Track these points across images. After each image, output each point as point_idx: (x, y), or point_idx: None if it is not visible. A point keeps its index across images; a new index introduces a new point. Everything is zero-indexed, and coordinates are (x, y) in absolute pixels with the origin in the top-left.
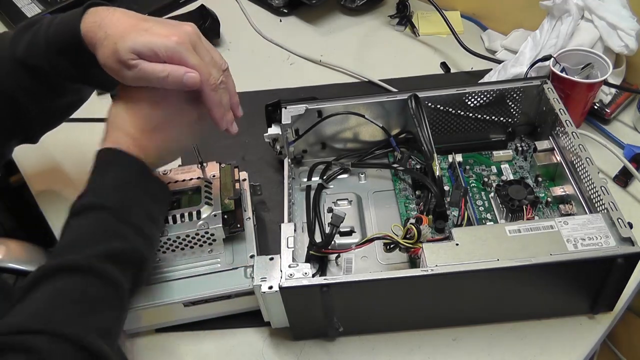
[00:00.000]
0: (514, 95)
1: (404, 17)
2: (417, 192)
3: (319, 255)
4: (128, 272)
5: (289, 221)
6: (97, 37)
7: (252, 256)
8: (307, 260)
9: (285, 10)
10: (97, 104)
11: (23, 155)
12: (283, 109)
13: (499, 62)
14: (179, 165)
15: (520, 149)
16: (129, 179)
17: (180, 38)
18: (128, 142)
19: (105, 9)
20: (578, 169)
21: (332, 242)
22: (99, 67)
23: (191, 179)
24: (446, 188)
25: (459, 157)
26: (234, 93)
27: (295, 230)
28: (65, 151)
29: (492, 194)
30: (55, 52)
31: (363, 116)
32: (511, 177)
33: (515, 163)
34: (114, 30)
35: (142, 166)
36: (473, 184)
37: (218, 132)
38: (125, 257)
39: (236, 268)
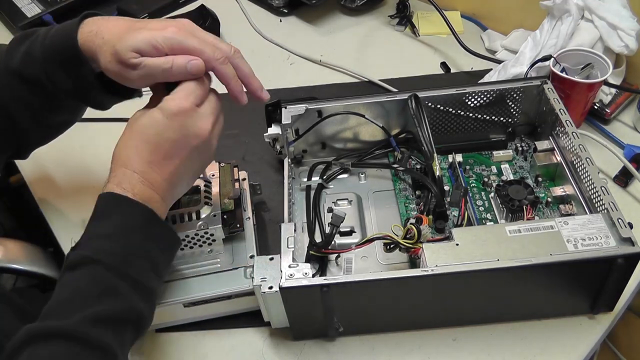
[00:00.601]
0: (514, 95)
1: (404, 17)
2: (417, 192)
3: (319, 255)
4: (123, 332)
5: (289, 221)
6: (96, 45)
7: (252, 256)
8: (307, 260)
9: (285, 10)
10: None
11: None
12: (283, 109)
13: (499, 62)
14: None
15: (520, 149)
16: (131, 227)
17: (177, 28)
18: (134, 179)
19: (100, 18)
20: (578, 169)
21: (332, 242)
22: (95, 80)
23: None
24: (446, 188)
25: (459, 157)
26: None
27: (295, 230)
28: (65, 151)
29: (492, 194)
30: (52, 63)
31: (363, 116)
32: (511, 177)
33: (516, 163)
34: (111, 35)
35: (147, 212)
36: (473, 184)
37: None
38: (119, 318)
39: (236, 268)
